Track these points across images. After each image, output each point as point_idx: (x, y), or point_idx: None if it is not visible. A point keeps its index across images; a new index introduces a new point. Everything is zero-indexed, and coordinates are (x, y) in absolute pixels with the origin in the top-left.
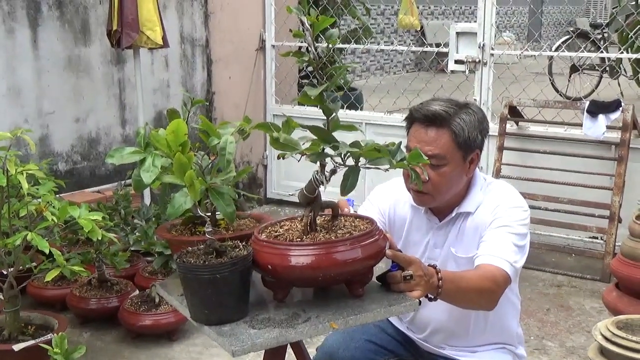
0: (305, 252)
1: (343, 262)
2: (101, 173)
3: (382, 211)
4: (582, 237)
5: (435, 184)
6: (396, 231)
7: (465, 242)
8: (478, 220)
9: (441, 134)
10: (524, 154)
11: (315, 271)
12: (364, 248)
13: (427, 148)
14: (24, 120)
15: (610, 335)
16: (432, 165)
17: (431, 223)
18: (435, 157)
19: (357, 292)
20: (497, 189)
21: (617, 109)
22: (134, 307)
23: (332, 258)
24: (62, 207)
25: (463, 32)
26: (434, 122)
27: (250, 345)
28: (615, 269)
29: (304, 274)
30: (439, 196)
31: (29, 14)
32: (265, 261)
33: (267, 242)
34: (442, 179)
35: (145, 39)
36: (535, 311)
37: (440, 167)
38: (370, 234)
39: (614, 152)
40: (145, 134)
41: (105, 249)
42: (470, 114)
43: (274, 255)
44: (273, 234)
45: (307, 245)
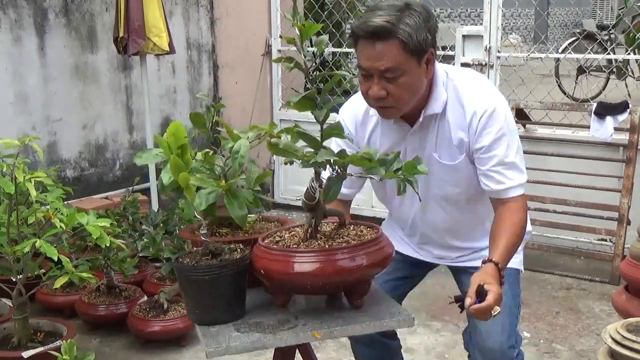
0: (297, 259)
1: (334, 271)
2: (109, 179)
3: (351, 137)
4: (590, 239)
5: (396, 96)
6: (373, 147)
7: (446, 147)
8: (452, 122)
9: (389, 46)
10: (532, 157)
11: (305, 278)
12: (360, 257)
13: (379, 64)
14: (32, 128)
15: (620, 338)
16: (388, 79)
17: (403, 130)
18: (389, 70)
19: (356, 302)
20: (462, 84)
21: (625, 110)
22: (142, 313)
23: (322, 267)
24: (70, 213)
25: (469, 35)
26: (379, 36)
27: (224, 347)
28: (625, 271)
29: (293, 280)
30: (403, 106)
31: (36, 22)
32: (259, 266)
33: (264, 247)
34: (401, 89)
35: (151, 45)
36: (544, 314)
37: (396, 78)
38: (368, 245)
39: (622, 154)
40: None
41: (114, 255)
42: (414, 15)
43: (268, 260)
44: (275, 240)
45: (298, 252)
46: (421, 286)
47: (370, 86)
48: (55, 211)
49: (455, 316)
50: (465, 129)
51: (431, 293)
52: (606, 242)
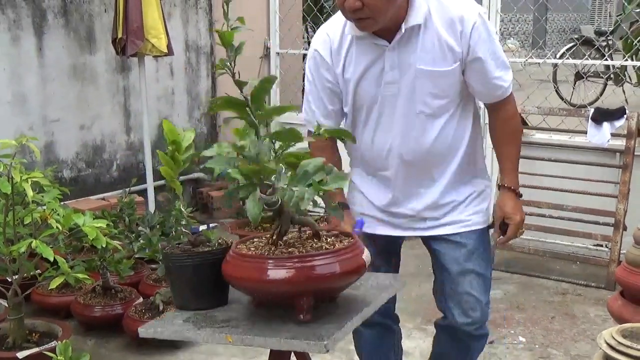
0: (242, 264)
1: (274, 280)
2: (106, 180)
3: (328, 73)
4: (586, 244)
5: (372, 6)
6: (351, 72)
7: (434, 55)
8: (439, 31)
9: None
10: (529, 162)
11: (244, 283)
12: (302, 270)
13: None
14: (29, 128)
15: (615, 344)
16: None
17: (381, 47)
18: None
19: (298, 317)
20: None
21: (622, 116)
22: (138, 314)
23: (257, 274)
24: (66, 214)
25: None
26: None
27: (152, 332)
28: (620, 276)
29: (239, 284)
30: (380, 17)
31: (35, 22)
32: (223, 268)
33: (234, 253)
34: (377, 0)
35: (150, 46)
36: (540, 319)
37: None
38: (322, 256)
39: (618, 160)
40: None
41: (110, 256)
42: None
43: (226, 263)
44: (246, 247)
45: (246, 256)
46: (417, 290)
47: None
48: (52, 212)
49: None
50: (456, 37)
51: (427, 296)
52: (602, 248)
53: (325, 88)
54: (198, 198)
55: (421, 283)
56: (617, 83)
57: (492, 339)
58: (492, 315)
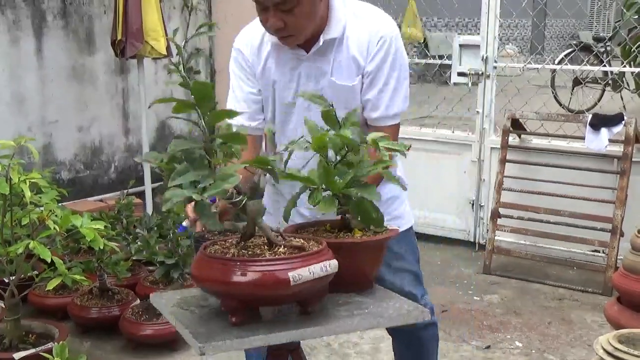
0: (197, 259)
1: (203, 277)
2: (104, 182)
3: (251, 73)
4: (583, 250)
5: (294, 25)
6: (270, 77)
7: (345, 69)
8: (352, 45)
9: None
10: (526, 167)
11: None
12: (220, 271)
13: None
14: (28, 129)
15: (612, 350)
16: (283, 10)
17: (298, 56)
18: (284, 2)
19: (231, 320)
20: (360, 10)
21: (620, 122)
22: (135, 316)
23: (195, 270)
24: (64, 215)
25: (466, 45)
26: None
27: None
28: (617, 282)
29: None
30: (302, 33)
31: (34, 23)
32: (195, 273)
33: (204, 255)
34: (298, 18)
35: (149, 49)
36: (536, 324)
37: (292, 9)
38: (239, 262)
39: (616, 166)
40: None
41: (107, 258)
42: None
43: (206, 268)
44: (219, 246)
45: (201, 253)
46: None
47: (268, 18)
48: (50, 213)
49: (448, 325)
50: (363, 52)
51: None
52: (599, 254)
53: (248, 87)
54: None
55: None
56: (615, 89)
57: (489, 343)
58: (489, 320)
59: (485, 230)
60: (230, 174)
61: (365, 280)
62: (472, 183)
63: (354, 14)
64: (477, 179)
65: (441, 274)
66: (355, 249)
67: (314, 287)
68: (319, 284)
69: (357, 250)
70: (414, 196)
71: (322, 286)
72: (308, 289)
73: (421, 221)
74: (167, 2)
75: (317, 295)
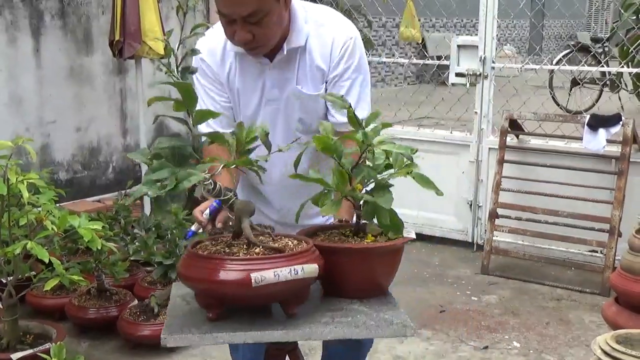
0: (199, 265)
1: (184, 275)
2: (102, 182)
3: (216, 82)
4: (581, 250)
5: (262, 37)
6: (236, 85)
7: (310, 77)
8: (315, 53)
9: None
10: (524, 167)
11: (188, 281)
12: (197, 269)
13: (241, 9)
14: (25, 129)
15: (610, 350)
16: (251, 22)
17: (262, 65)
18: (252, 14)
19: (208, 315)
20: (322, 17)
21: (618, 122)
22: (132, 317)
23: (180, 268)
24: (62, 216)
25: (464, 45)
26: None
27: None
28: (615, 283)
29: (214, 289)
30: (269, 43)
31: (32, 24)
32: (181, 272)
33: (190, 254)
34: (266, 29)
35: (147, 49)
36: (534, 325)
37: (260, 21)
38: (212, 260)
39: (614, 166)
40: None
41: (105, 258)
42: None
43: (193, 267)
44: (206, 246)
45: (223, 259)
46: (412, 295)
47: (235, 31)
48: (47, 213)
49: (446, 325)
50: (326, 58)
51: (422, 301)
52: (597, 254)
53: (218, 95)
54: (193, 201)
55: (416, 288)
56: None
57: (487, 344)
58: (487, 320)
59: (483, 231)
60: (191, 173)
61: (375, 288)
62: (470, 183)
63: (316, 21)
64: (475, 179)
65: (439, 274)
66: (364, 254)
67: (289, 289)
68: (294, 287)
69: (366, 255)
70: (412, 197)
71: (299, 289)
72: (283, 291)
73: (419, 222)
74: (166, 2)
75: (296, 298)
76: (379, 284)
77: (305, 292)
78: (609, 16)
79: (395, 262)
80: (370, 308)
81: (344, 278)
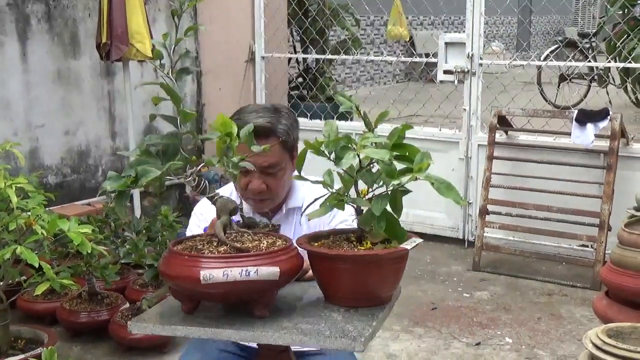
0: (169, 260)
1: (164, 273)
2: (91, 186)
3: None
4: (572, 245)
5: (275, 189)
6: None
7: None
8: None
9: (270, 143)
10: (514, 163)
11: (161, 275)
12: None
13: (262, 160)
14: (13, 134)
15: (601, 344)
16: (268, 174)
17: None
18: (272, 166)
19: (182, 308)
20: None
21: (606, 117)
22: (124, 320)
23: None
24: (51, 220)
25: (452, 42)
26: (262, 135)
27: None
28: (605, 277)
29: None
30: (277, 197)
31: (18, 27)
32: (162, 270)
33: (172, 252)
34: (279, 183)
35: (134, 51)
36: (526, 320)
37: (276, 173)
38: (276, 253)
39: (602, 161)
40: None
41: (96, 262)
42: (286, 117)
43: (174, 265)
44: (189, 245)
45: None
46: (404, 292)
47: (251, 180)
48: (37, 217)
49: (438, 322)
50: (321, 220)
51: (414, 299)
52: (587, 248)
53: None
54: (184, 202)
55: (408, 285)
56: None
57: (479, 340)
58: (479, 316)
59: (474, 227)
60: (148, 170)
61: (370, 296)
62: (460, 180)
63: (312, 190)
64: (465, 176)
65: (431, 271)
66: (355, 261)
67: (248, 289)
68: (251, 288)
69: (357, 263)
70: None
71: (260, 291)
72: (240, 291)
73: (410, 219)
74: (152, 4)
75: (260, 299)
76: (373, 293)
77: (269, 295)
78: (596, 11)
79: (393, 270)
80: (346, 318)
81: (335, 284)
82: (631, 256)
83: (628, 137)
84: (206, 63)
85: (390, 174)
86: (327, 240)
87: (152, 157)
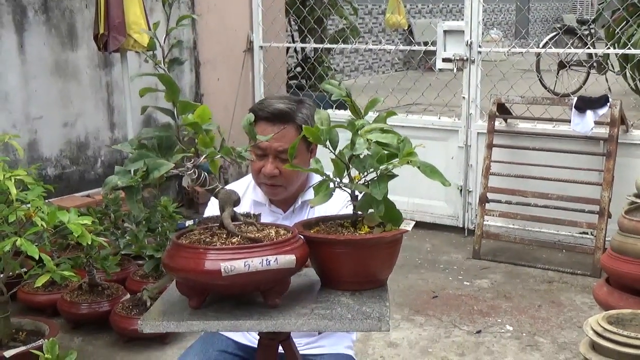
0: (177, 254)
1: (166, 264)
2: (90, 177)
3: None
4: (572, 232)
5: (287, 176)
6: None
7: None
8: (324, 208)
9: (288, 129)
10: (513, 151)
11: (169, 270)
12: (181, 259)
13: (277, 144)
14: (12, 126)
15: (602, 331)
16: (282, 159)
17: (275, 215)
18: (286, 151)
19: (189, 303)
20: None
21: (605, 104)
22: (125, 311)
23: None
24: (51, 212)
25: (450, 30)
26: (281, 119)
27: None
28: (605, 264)
29: (202, 279)
30: (290, 186)
31: (15, 19)
32: (166, 263)
33: (175, 244)
34: (293, 170)
35: (132, 42)
36: (526, 308)
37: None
38: (284, 243)
39: (602, 148)
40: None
41: (96, 253)
42: (308, 107)
43: (179, 257)
44: (192, 238)
45: (182, 246)
46: (404, 281)
47: (265, 164)
48: (36, 209)
49: (439, 310)
50: (332, 211)
51: (414, 288)
52: (587, 235)
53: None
54: (184, 193)
55: (408, 274)
56: (600, 71)
57: (480, 328)
58: (479, 304)
59: (474, 216)
60: (161, 163)
61: (370, 280)
62: (460, 169)
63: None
64: (464, 164)
65: (431, 260)
66: (355, 245)
67: (266, 279)
68: (270, 277)
69: (358, 247)
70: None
71: (277, 279)
72: (258, 281)
73: (410, 208)
74: None
75: (276, 288)
76: (374, 276)
77: (284, 283)
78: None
79: (390, 253)
80: (357, 301)
81: (337, 270)
82: (631, 243)
83: (628, 124)
84: (204, 53)
85: (380, 160)
86: (321, 227)
87: (149, 151)
